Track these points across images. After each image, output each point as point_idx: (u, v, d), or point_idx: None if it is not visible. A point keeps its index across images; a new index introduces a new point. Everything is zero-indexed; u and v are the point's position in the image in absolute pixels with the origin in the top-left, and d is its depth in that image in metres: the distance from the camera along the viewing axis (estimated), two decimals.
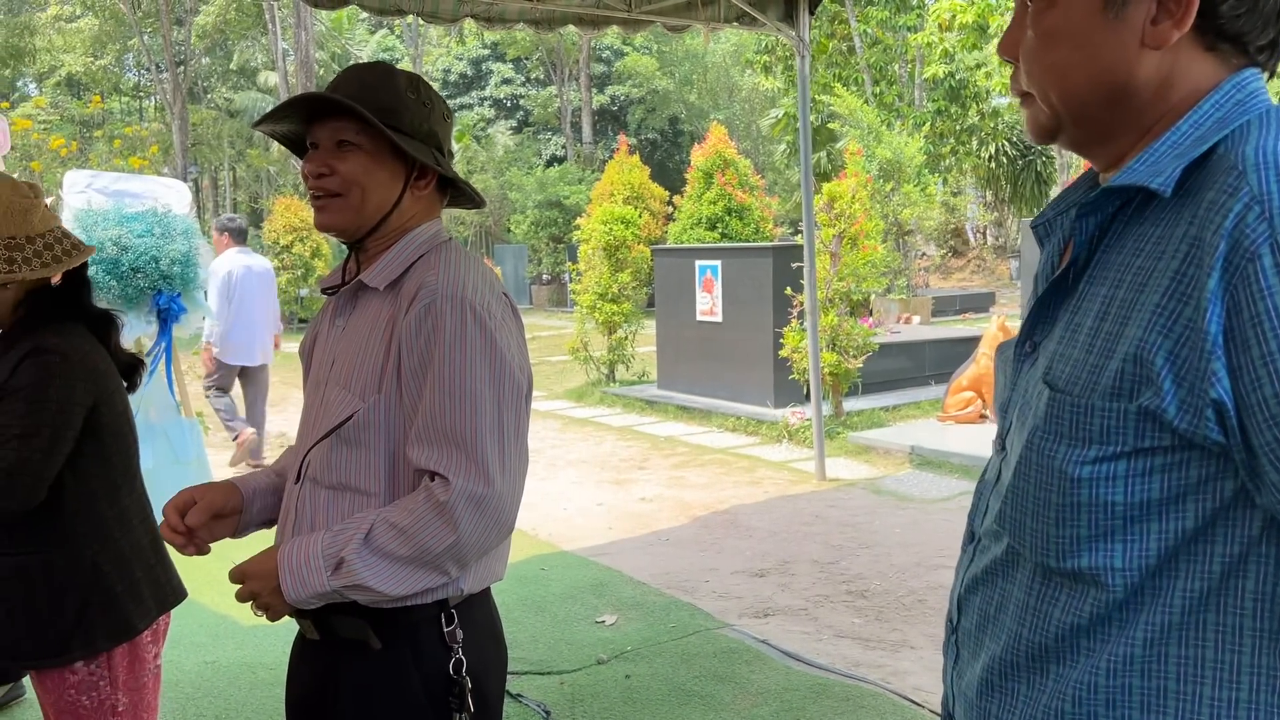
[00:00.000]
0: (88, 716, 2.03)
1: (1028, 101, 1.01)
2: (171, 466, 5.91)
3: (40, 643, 1.99)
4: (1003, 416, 1.05)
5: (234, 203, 38.98)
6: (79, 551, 2.02)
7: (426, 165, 1.57)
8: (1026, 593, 0.95)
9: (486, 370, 1.46)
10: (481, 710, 1.55)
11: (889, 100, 21.52)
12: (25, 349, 1.95)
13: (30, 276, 1.97)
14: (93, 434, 2.02)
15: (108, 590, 2.04)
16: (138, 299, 5.69)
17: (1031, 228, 1.05)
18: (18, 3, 39.34)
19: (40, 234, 2.00)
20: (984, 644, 1.00)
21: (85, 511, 2.03)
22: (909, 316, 14.94)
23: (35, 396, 1.91)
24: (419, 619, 1.51)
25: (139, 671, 2.11)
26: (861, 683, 3.73)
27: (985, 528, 1.04)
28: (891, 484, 6.82)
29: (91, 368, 2.02)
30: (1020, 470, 0.94)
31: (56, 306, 2.06)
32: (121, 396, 2.13)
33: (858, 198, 8.41)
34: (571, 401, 10.72)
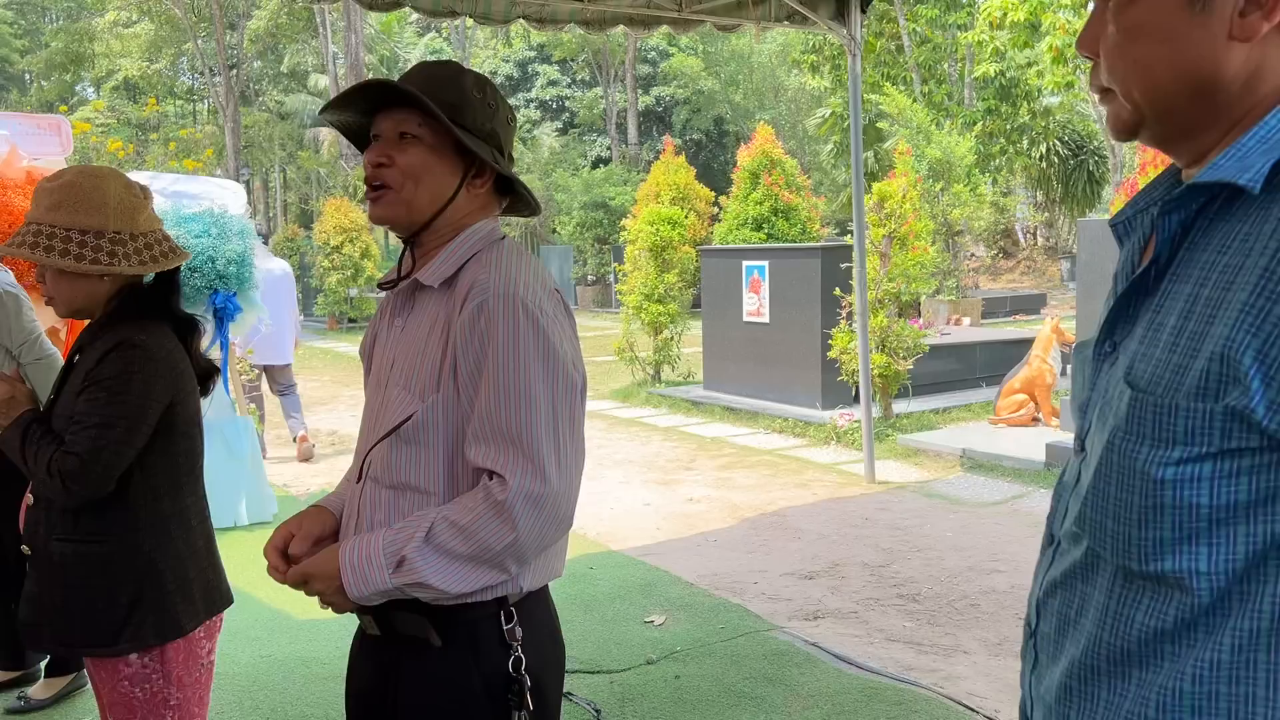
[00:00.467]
0: (140, 709, 2.07)
1: (1108, 98, 0.99)
2: (226, 463, 6.02)
3: (92, 631, 2.04)
4: (1081, 417, 1.03)
5: (284, 204, 39.56)
6: (138, 545, 2.06)
7: (485, 163, 1.57)
8: (1107, 596, 0.93)
9: (540, 368, 1.46)
10: (540, 708, 1.55)
11: (938, 99, 21.28)
12: (113, 341, 2.01)
13: (128, 272, 2.03)
14: (165, 432, 2.07)
15: (161, 587, 2.08)
16: (194, 298, 5.79)
17: (1110, 226, 1.02)
18: (77, 9, 40.28)
19: (143, 233, 2.07)
20: (1063, 648, 0.99)
21: (148, 507, 2.08)
22: (959, 318, 14.77)
23: (117, 389, 1.97)
24: (478, 616, 1.51)
25: (192, 667, 2.15)
26: (914, 686, 3.69)
27: (1064, 530, 1.02)
28: (942, 487, 6.74)
29: (173, 367, 2.07)
30: (1101, 472, 0.93)
31: (146, 305, 2.12)
32: (195, 399, 2.19)
33: (908, 197, 8.32)
34: (618, 402, 10.73)
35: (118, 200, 2.03)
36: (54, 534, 2.05)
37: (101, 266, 2.00)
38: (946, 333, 11.23)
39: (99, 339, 2.05)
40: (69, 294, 2.06)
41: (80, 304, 2.08)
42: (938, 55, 22.10)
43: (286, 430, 8.42)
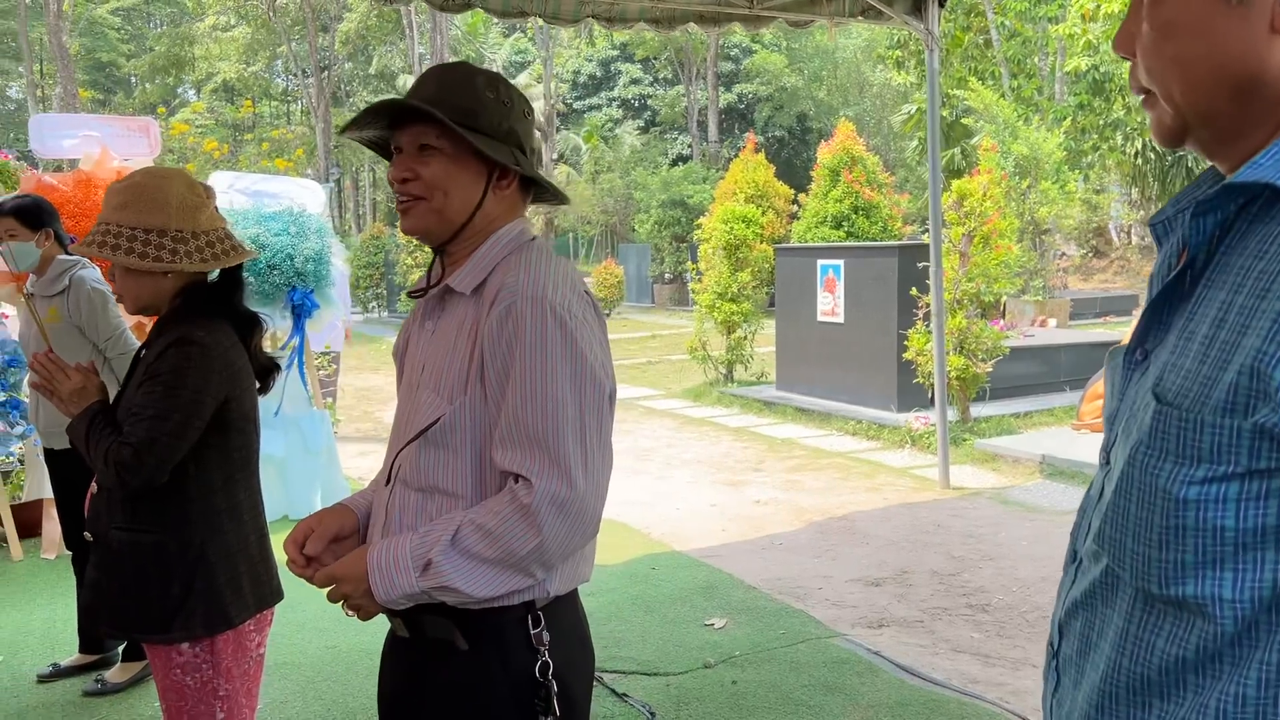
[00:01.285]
0: (191, 696, 2.13)
1: (1149, 101, 0.93)
2: (303, 456, 6.17)
3: (146, 618, 2.11)
4: (1109, 428, 0.97)
5: (373, 202, 40.43)
6: (190, 537, 2.12)
7: (508, 166, 1.56)
8: (1126, 619, 0.88)
9: (568, 371, 1.44)
10: (567, 713, 1.54)
11: (1027, 94, 20.74)
12: (172, 337, 2.07)
13: (189, 269, 2.09)
14: (220, 427, 2.13)
15: (211, 579, 2.13)
16: (273, 295, 5.94)
17: (1150, 226, 0.96)
18: (179, 14, 41.76)
19: (205, 231, 2.13)
20: (1085, 672, 0.94)
21: (202, 500, 2.13)
22: (1044, 319, 14.37)
23: (173, 383, 2.04)
24: (506, 620, 1.50)
25: (241, 659, 2.19)
26: (979, 700, 3.58)
27: (1086, 547, 0.97)
28: (1019, 494, 6.56)
29: (229, 364, 2.12)
30: (1121, 488, 0.87)
31: (209, 302, 2.18)
32: (252, 396, 2.23)
33: (989, 195, 8.12)
34: (689, 401, 10.70)
35: (180, 200, 2.09)
36: (114, 522, 2.12)
37: (164, 264, 2.06)
38: (1030, 334, 10.93)
39: (162, 334, 2.12)
40: (135, 290, 2.13)
41: (146, 300, 2.15)
42: (1027, 49, 21.53)
43: (365, 423, 8.60)
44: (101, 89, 40.81)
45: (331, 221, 6.49)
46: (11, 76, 42.19)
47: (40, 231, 3.71)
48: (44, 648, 4.17)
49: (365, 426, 9.50)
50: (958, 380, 7.99)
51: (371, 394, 11.62)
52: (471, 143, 1.51)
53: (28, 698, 3.73)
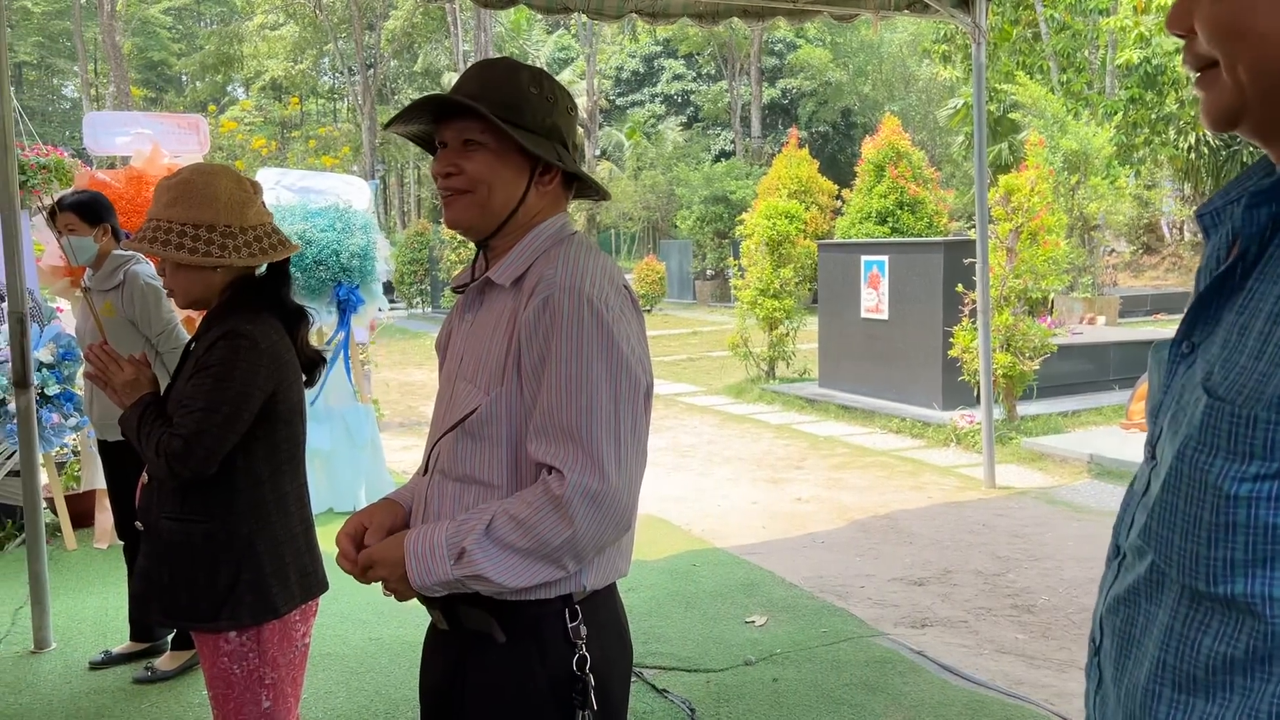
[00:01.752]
0: (238, 684, 2.16)
1: (1206, 80, 0.89)
2: (348, 449, 6.24)
3: (195, 607, 2.14)
4: (1153, 422, 0.95)
5: (418, 199, 40.78)
6: (239, 528, 2.15)
7: (550, 161, 1.57)
8: (1172, 616, 0.86)
9: (603, 364, 1.45)
10: (605, 708, 1.54)
11: (1077, 88, 20.38)
12: (221, 330, 2.11)
13: (238, 264, 2.13)
14: (267, 419, 2.16)
15: (259, 569, 2.16)
16: (319, 290, 6.01)
17: (1197, 217, 0.94)
18: (229, 13, 42.40)
19: (253, 226, 2.16)
20: (1126, 669, 0.92)
21: (250, 491, 2.16)
22: (1093, 316, 14.14)
23: (222, 375, 2.07)
24: (543, 614, 1.51)
25: (287, 648, 2.23)
26: (1023, 702, 3.54)
27: (1130, 543, 0.95)
28: (1067, 494, 6.46)
29: (277, 357, 2.15)
30: (1170, 483, 0.85)
31: (257, 296, 2.21)
32: (298, 389, 2.26)
33: (1037, 190, 8.00)
34: (730, 398, 10.67)
35: (228, 195, 2.13)
36: (164, 512, 2.16)
37: (214, 259, 2.10)
38: (1078, 332, 10.76)
39: (211, 328, 2.16)
40: (186, 285, 2.17)
41: (197, 294, 2.19)
42: (1077, 42, 21.15)
43: (409, 418, 8.67)
44: (153, 87, 41.56)
45: (377, 218, 6.55)
46: (67, 76, 43.12)
47: (98, 227, 3.79)
48: (96, 635, 4.26)
49: (409, 421, 9.59)
50: (1004, 378, 7.89)
51: (415, 388, 11.72)
52: (515, 138, 1.52)
53: (80, 684, 3.82)
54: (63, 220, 3.77)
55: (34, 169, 5.95)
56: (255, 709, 2.16)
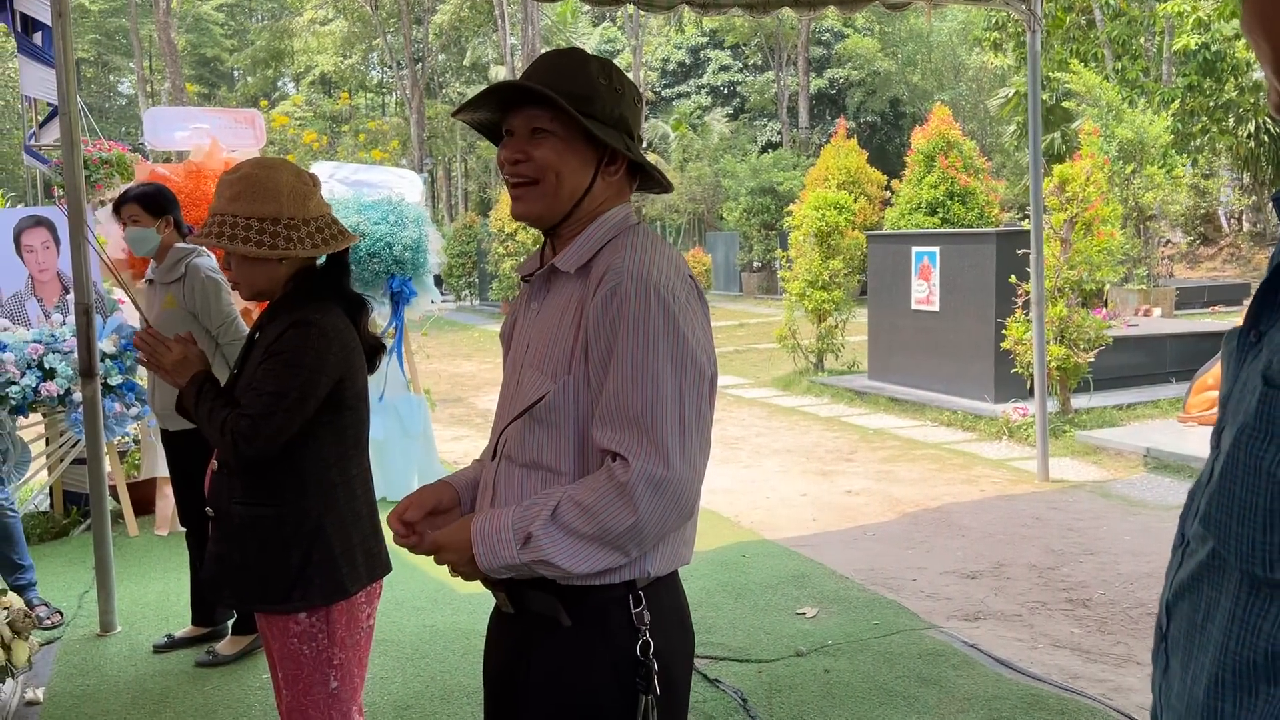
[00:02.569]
0: (308, 664, 2.21)
1: None
2: (401, 439, 6.32)
3: (266, 589, 2.19)
4: (1223, 411, 0.95)
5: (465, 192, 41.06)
6: (306, 511, 2.20)
7: (618, 151, 1.58)
8: (1234, 602, 0.86)
9: (669, 353, 1.46)
10: (668, 694, 1.55)
11: (1132, 76, 19.98)
12: (290, 319, 2.16)
13: (302, 254, 2.18)
14: (333, 406, 2.21)
15: (328, 550, 2.21)
16: (373, 283, 6.09)
17: (1274, 201, 0.93)
18: (279, 9, 42.97)
19: (314, 218, 2.21)
20: (1193, 654, 0.92)
21: (317, 475, 2.21)
22: (1149, 308, 13.87)
23: (291, 360, 2.12)
24: (607, 599, 1.52)
25: (354, 629, 2.27)
26: (1079, 696, 3.50)
27: (1193, 530, 0.95)
28: (1122, 488, 6.36)
29: (344, 344, 2.21)
30: (1227, 471, 0.85)
31: (320, 285, 2.26)
32: (363, 375, 2.31)
33: (1092, 180, 7.87)
34: (778, 390, 10.64)
35: (290, 188, 2.18)
36: (234, 498, 2.21)
37: (280, 251, 2.15)
38: (1134, 324, 10.57)
39: (278, 317, 2.20)
40: (251, 277, 2.22)
41: (262, 286, 2.24)
42: (1133, 29, 20.73)
43: (459, 408, 8.76)
44: (206, 83, 42.25)
45: (428, 211, 6.62)
46: (123, 72, 43.98)
47: (161, 219, 3.86)
48: (159, 619, 4.37)
49: (459, 411, 9.69)
50: (1058, 370, 7.78)
51: (464, 380, 11.83)
52: (585, 127, 1.53)
53: (144, 666, 3.92)
54: (127, 211, 3.86)
55: (97, 164, 6.09)
56: (324, 689, 2.21)
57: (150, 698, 3.64)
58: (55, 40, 4.12)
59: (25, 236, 5.93)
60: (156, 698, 3.64)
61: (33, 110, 6.46)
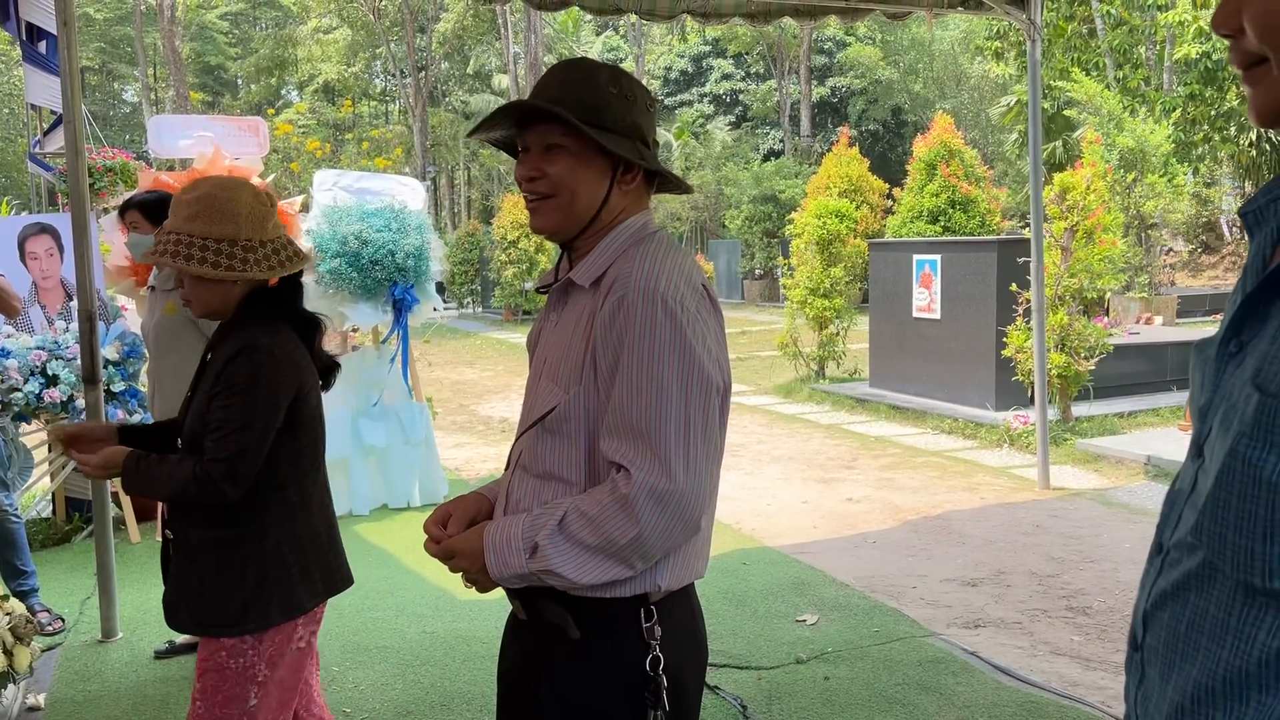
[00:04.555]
0: (230, 678, 2.16)
1: (1256, 75, 0.89)
2: (402, 446, 6.33)
3: (223, 612, 2.15)
4: (1201, 420, 0.95)
5: (468, 200, 41.13)
6: (264, 531, 2.18)
7: (631, 160, 1.58)
8: (1226, 612, 0.87)
9: (675, 364, 1.45)
10: (677, 709, 1.54)
11: (1134, 85, 20.00)
12: (238, 345, 2.13)
13: (258, 277, 2.16)
14: (288, 426, 2.19)
15: (285, 569, 2.19)
16: (375, 290, 6.11)
17: (1240, 215, 0.94)
18: (284, 17, 43.11)
19: (271, 239, 2.19)
20: (1174, 664, 0.92)
21: (274, 496, 2.20)
22: (1150, 316, 13.87)
23: (250, 391, 2.10)
24: (618, 612, 1.52)
25: (284, 647, 2.22)
26: (1079, 704, 3.50)
27: (1177, 540, 0.95)
28: (1123, 495, 6.36)
29: (295, 365, 2.20)
30: (1222, 480, 0.86)
31: (271, 306, 2.24)
32: (316, 394, 2.30)
33: (1093, 189, 7.88)
34: (779, 397, 10.64)
35: (249, 210, 2.16)
36: (191, 521, 2.19)
37: (236, 273, 2.13)
38: (1135, 332, 10.58)
39: (227, 340, 2.18)
40: (204, 297, 2.20)
41: (214, 306, 2.22)
42: (1134, 39, 20.75)
43: (461, 416, 8.77)
44: (210, 91, 42.37)
45: (430, 219, 6.64)
46: (127, 80, 44.12)
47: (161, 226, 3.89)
48: (160, 626, 4.33)
49: (461, 419, 9.70)
50: (1059, 378, 7.78)
51: (467, 387, 11.84)
52: (596, 139, 1.53)
53: (146, 672, 3.93)
54: (130, 217, 3.90)
55: (101, 172, 6.13)
56: (241, 706, 2.16)
57: (151, 704, 3.65)
58: (60, 49, 4.15)
59: (29, 244, 5.96)
60: (157, 704, 3.65)
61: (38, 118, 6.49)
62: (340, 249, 5.93)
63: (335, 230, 5.96)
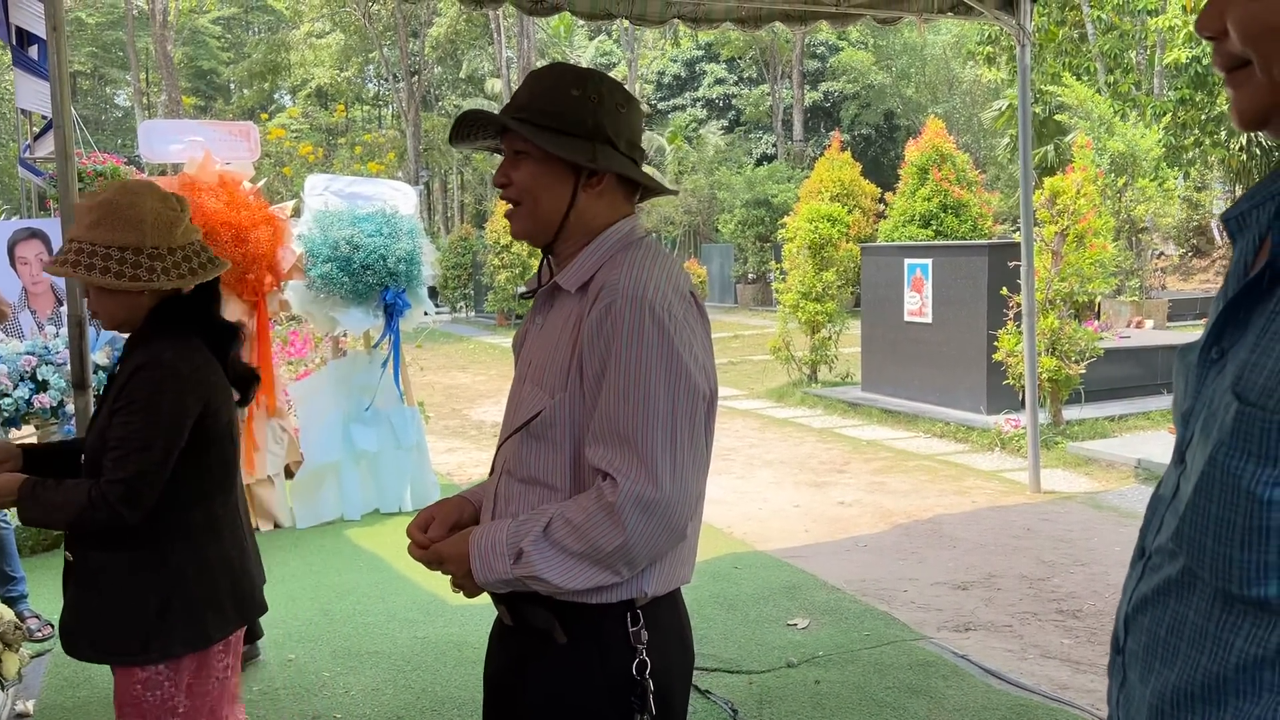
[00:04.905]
0: (150, 712, 2.07)
1: (1238, 78, 0.90)
2: (394, 451, 6.33)
3: (122, 638, 2.05)
4: (1183, 427, 0.96)
5: (461, 204, 41.13)
6: (165, 554, 2.07)
7: (579, 163, 1.56)
8: (1205, 618, 0.87)
9: (662, 372, 1.45)
10: (664, 713, 1.55)
11: (1124, 89, 20.09)
12: (140, 360, 2.03)
13: (166, 286, 2.05)
14: (194, 444, 2.08)
15: (189, 596, 2.08)
16: (367, 294, 6.10)
17: (1223, 221, 0.95)
18: (276, 22, 43.08)
19: (181, 246, 2.08)
20: (1154, 668, 0.93)
21: (177, 517, 2.08)
22: (1141, 320, 13.92)
23: (150, 409, 1.99)
24: (604, 616, 1.52)
25: (204, 677, 2.14)
26: (1068, 707, 3.52)
27: (1158, 545, 0.96)
28: (1113, 499, 6.38)
29: (201, 381, 2.08)
30: (1202, 488, 0.86)
31: (183, 317, 2.12)
32: (228, 409, 2.19)
33: (1083, 193, 7.92)
34: (772, 401, 10.65)
35: (155, 216, 2.05)
36: (88, 543, 2.08)
37: (140, 283, 2.02)
38: (1126, 335, 10.61)
39: (131, 355, 2.07)
40: (110, 309, 2.09)
41: (122, 318, 2.11)
42: (1125, 43, 20.84)
43: (453, 420, 8.77)
44: (202, 95, 42.30)
45: (423, 223, 6.63)
46: (119, 85, 44.04)
47: None
48: None
49: (454, 424, 9.70)
50: (1049, 382, 7.81)
51: (459, 392, 11.83)
52: (544, 143, 1.54)
53: None
54: None
55: (91, 176, 6.12)
56: None
57: None
58: (50, 54, 4.14)
59: (19, 249, 5.95)
60: None
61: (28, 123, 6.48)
62: (331, 253, 5.92)
63: (326, 235, 5.96)
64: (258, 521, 5.96)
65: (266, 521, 5.98)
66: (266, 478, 5.97)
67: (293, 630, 4.35)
